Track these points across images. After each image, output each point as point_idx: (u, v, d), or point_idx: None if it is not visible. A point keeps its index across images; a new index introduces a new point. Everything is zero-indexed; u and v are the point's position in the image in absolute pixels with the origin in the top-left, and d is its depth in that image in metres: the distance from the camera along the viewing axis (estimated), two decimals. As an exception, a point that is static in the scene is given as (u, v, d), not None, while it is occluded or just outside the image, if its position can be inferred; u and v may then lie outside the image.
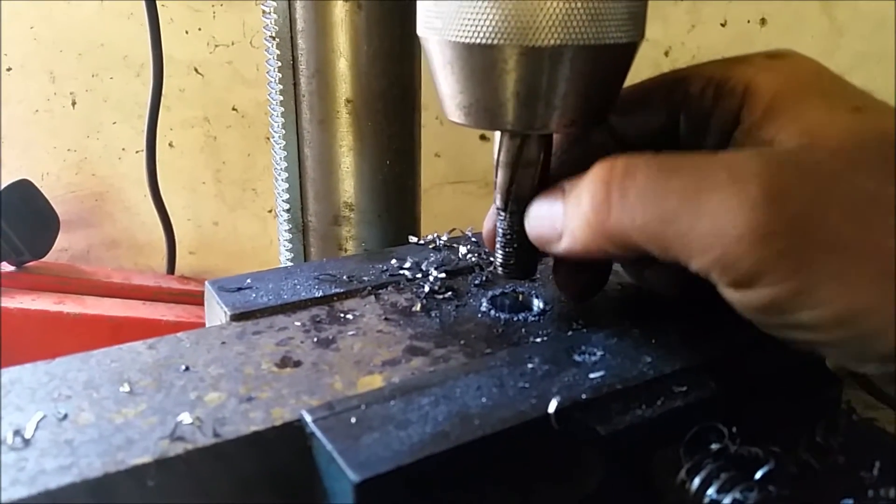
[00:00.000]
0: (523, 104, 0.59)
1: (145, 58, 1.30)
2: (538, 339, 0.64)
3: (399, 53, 0.91)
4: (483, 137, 1.47)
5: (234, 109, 1.39)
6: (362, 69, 0.89)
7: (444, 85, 0.62)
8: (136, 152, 1.39)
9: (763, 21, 1.51)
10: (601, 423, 0.55)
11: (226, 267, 1.46)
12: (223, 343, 0.64)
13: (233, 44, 1.38)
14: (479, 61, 0.58)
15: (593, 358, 0.61)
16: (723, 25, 1.48)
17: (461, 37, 0.57)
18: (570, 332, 0.65)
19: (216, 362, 0.61)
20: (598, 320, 0.68)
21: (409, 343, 0.64)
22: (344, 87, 0.89)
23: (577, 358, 0.61)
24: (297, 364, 0.60)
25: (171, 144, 1.39)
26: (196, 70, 1.38)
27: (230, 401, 0.55)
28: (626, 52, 0.61)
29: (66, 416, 0.54)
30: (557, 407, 0.54)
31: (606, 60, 0.59)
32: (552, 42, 0.56)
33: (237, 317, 0.67)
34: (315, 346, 0.63)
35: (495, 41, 0.56)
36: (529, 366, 0.59)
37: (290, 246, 0.96)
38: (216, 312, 0.69)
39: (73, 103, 1.38)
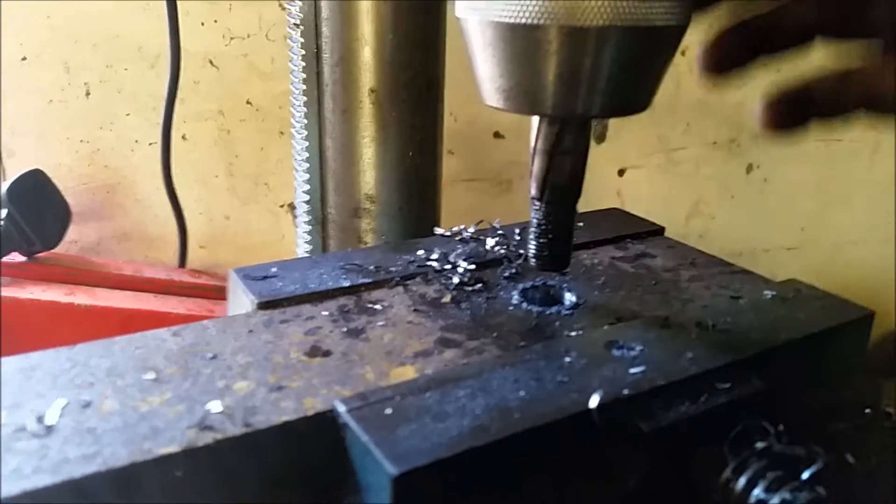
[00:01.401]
0: (565, 88, 0.57)
1: (160, 49, 1.27)
2: (573, 333, 0.62)
3: (424, 42, 0.88)
4: (497, 135, 1.45)
5: (248, 103, 1.37)
6: (387, 58, 0.86)
7: (483, 68, 0.59)
8: (150, 144, 1.37)
9: (780, 23, 1.48)
10: (644, 419, 0.52)
11: (236, 261, 1.42)
12: (250, 331, 0.61)
13: (248, 36, 1.35)
14: (521, 42, 0.56)
15: (632, 353, 0.58)
16: (740, 26, 1.45)
17: (505, 16, 0.54)
18: (605, 327, 0.63)
19: (244, 350, 0.58)
20: (633, 315, 0.66)
21: (441, 335, 0.61)
22: (368, 76, 0.86)
23: (615, 352, 0.58)
24: (327, 354, 0.58)
25: (184, 137, 1.37)
26: (211, 62, 1.36)
27: (260, 390, 0.53)
28: (672, 36, 0.58)
29: (89, 404, 0.51)
30: (599, 402, 0.51)
31: (653, 43, 0.57)
32: (599, 22, 0.53)
33: (264, 305, 0.64)
34: (344, 336, 0.60)
35: (540, 21, 0.54)
36: (567, 359, 0.57)
37: (309, 238, 0.93)
38: (241, 301, 0.67)
39: (87, 94, 1.35)
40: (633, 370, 0.56)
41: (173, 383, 0.54)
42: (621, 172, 1.52)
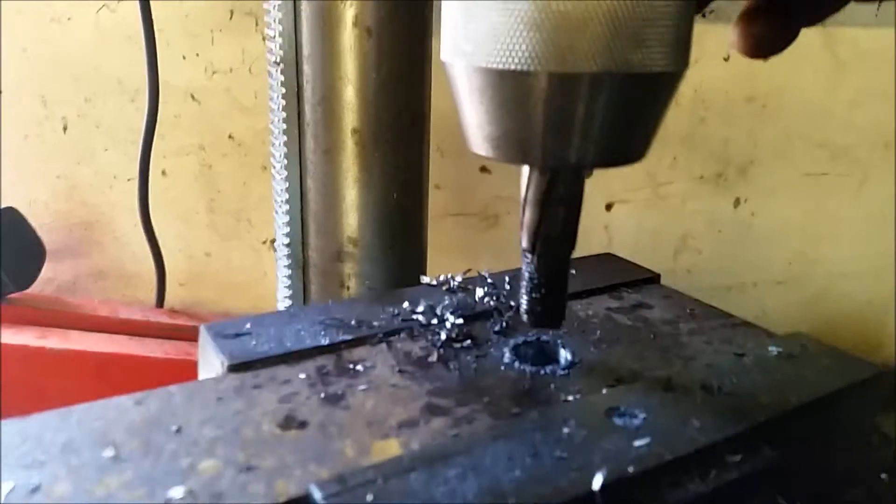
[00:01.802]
0: (557, 137, 0.52)
1: (141, 83, 1.22)
2: (570, 398, 0.56)
3: (409, 79, 0.83)
4: (484, 170, 1.40)
5: (230, 137, 1.31)
6: (370, 97, 0.81)
7: (470, 115, 0.54)
8: (128, 180, 1.30)
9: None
10: (651, 500, 0.47)
11: (217, 299, 1.37)
12: (219, 399, 0.55)
13: (231, 70, 1.30)
14: (511, 89, 0.51)
15: (636, 421, 0.53)
16: (725, 60, 1.43)
17: (493, 62, 0.49)
18: (604, 390, 0.57)
19: (211, 422, 0.52)
20: (633, 375, 0.60)
21: (428, 400, 0.55)
22: (351, 115, 0.81)
23: (617, 421, 0.53)
24: (303, 425, 0.52)
25: (164, 172, 1.31)
26: (192, 97, 1.30)
27: (227, 470, 0.47)
28: (669, 82, 0.53)
29: (38, 488, 0.45)
30: (602, 483, 0.46)
31: (650, 91, 0.52)
32: (593, 69, 0.48)
33: (235, 367, 0.58)
34: (322, 404, 0.54)
35: (531, 67, 0.48)
36: (565, 430, 0.51)
37: (289, 283, 0.87)
38: (211, 361, 0.61)
39: (65, 128, 1.29)
40: (637, 442, 0.50)
41: (134, 462, 0.48)
42: (609, 207, 1.47)
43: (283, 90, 0.82)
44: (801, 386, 0.59)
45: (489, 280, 0.72)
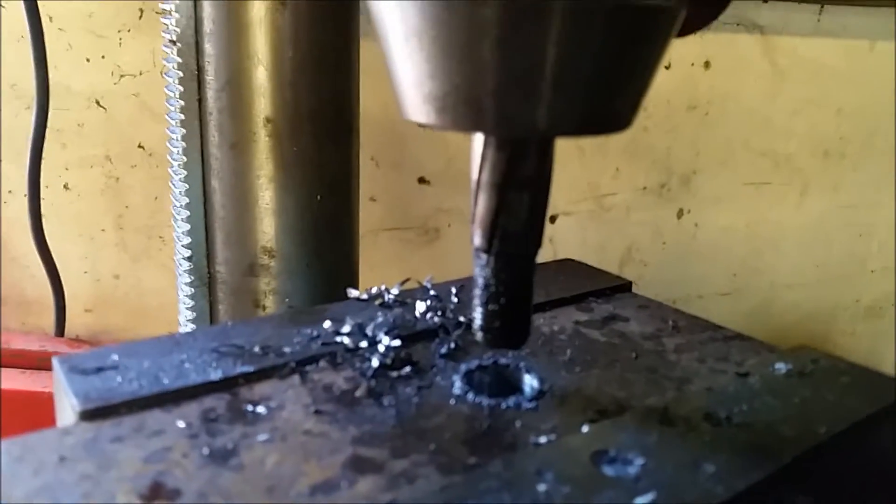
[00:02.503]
0: (520, 92, 0.36)
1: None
2: (543, 439, 0.40)
3: (333, 63, 0.67)
4: (423, 181, 1.24)
5: (140, 147, 1.12)
6: (286, 81, 0.64)
7: (406, 69, 0.38)
8: (25, 195, 1.09)
9: (707, 64, 1.35)
10: (669, 587, 0.31)
11: (127, 326, 1.17)
12: (62, 459, 0.37)
13: (140, 74, 1.11)
14: (461, 28, 0.35)
15: (632, 469, 0.37)
16: (667, 68, 1.32)
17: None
18: (584, 426, 0.41)
19: (44, 494, 0.34)
20: (619, 405, 0.45)
21: (353, 451, 0.39)
22: (262, 102, 0.65)
23: (608, 470, 0.37)
24: (175, 495, 0.35)
25: (66, 186, 1.11)
26: (98, 103, 1.11)
27: (44, 580, 0.29)
28: (663, 23, 0.39)
29: None
30: (604, 569, 0.30)
31: (636, 32, 0.37)
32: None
33: (89, 414, 0.40)
34: (205, 463, 0.37)
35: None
36: (541, 487, 0.35)
37: (192, 304, 0.69)
38: (64, 407, 0.43)
39: (-50, 139, 1.08)
40: (639, 501, 0.34)
41: None
42: (553, 219, 1.33)
43: (181, 74, 0.65)
44: (826, 412, 0.44)
45: (432, 291, 0.56)
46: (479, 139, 0.41)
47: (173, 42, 0.66)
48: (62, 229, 1.09)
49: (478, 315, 0.43)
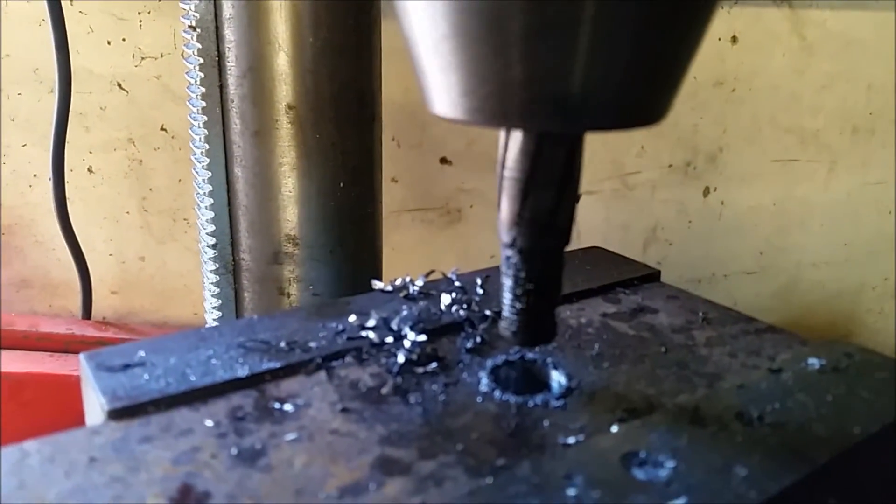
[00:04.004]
0: (548, 86, 0.35)
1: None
2: (571, 440, 0.40)
3: (355, 49, 0.66)
4: (444, 161, 1.23)
5: (162, 129, 1.12)
6: (307, 67, 0.63)
7: (435, 66, 0.37)
8: (50, 179, 1.10)
9: (734, 39, 1.31)
10: None
11: (153, 308, 1.18)
12: (92, 460, 0.37)
13: (161, 56, 1.11)
14: (490, 23, 0.34)
15: (663, 472, 0.36)
16: (693, 43, 1.28)
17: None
18: (614, 426, 0.41)
19: (76, 496, 0.34)
20: (648, 403, 0.44)
21: (381, 451, 0.38)
22: (284, 89, 0.64)
23: (638, 474, 0.36)
24: (204, 498, 0.34)
25: (90, 170, 1.11)
26: (119, 85, 1.11)
27: (76, 587, 0.29)
28: (699, 16, 0.37)
29: None
30: (636, 580, 0.29)
31: (669, 22, 0.36)
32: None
33: (118, 413, 0.40)
34: (234, 464, 0.37)
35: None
36: (570, 492, 0.35)
37: (217, 291, 0.69)
38: (92, 403, 0.43)
39: (-25, 123, 1.08)
40: (671, 507, 0.34)
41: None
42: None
43: (201, 60, 0.64)
44: (860, 410, 0.43)
45: (457, 283, 0.55)
46: (507, 134, 0.40)
47: (192, 27, 0.65)
48: (87, 212, 1.10)
49: (506, 311, 0.42)
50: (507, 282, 0.41)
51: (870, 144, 1.44)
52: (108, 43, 1.09)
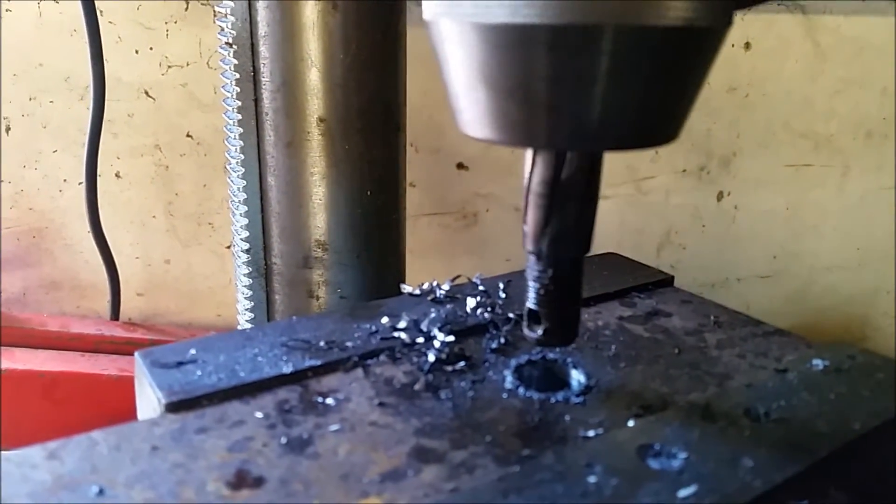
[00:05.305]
0: (570, 109, 0.39)
1: (90, 79, 1.06)
2: (591, 433, 0.44)
3: (381, 63, 0.70)
4: (461, 166, 1.27)
5: (188, 136, 1.17)
6: (337, 81, 0.68)
7: (458, 87, 0.41)
8: (79, 184, 1.15)
9: (748, 45, 1.35)
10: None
11: (178, 310, 1.22)
12: (154, 449, 0.42)
13: (188, 64, 1.16)
14: (516, 48, 0.38)
15: (675, 462, 0.40)
16: (707, 50, 1.31)
17: (497, 16, 0.37)
18: (630, 421, 0.45)
19: (143, 480, 0.39)
20: (662, 400, 0.48)
21: (416, 442, 0.43)
22: (315, 102, 0.68)
23: (653, 464, 0.40)
24: (259, 483, 0.39)
25: (117, 175, 1.16)
26: (147, 93, 1.16)
27: (155, 557, 0.34)
28: (707, 41, 0.41)
29: None
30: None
31: (687, 51, 0.40)
32: (611, 20, 0.36)
33: (175, 406, 0.45)
34: (284, 452, 0.41)
35: (538, 20, 0.36)
36: (591, 479, 0.39)
37: (250, 293, 0.74)
38: (148, 397, 0.47)
39: (8, 129, 1.14)
40: (682, 493, 0.38)
41: (31, 546, 0.34)
42: (590, 203, 1.35)
43: (237, 75, 0.68)
44: (861, 408, 0.47)
45: (481, 287, 0.60)
46: (529, 151, 0.44)
47: (229, 44, 0.69)
48: (114, 216, 1.15)
49: (529, 314, 0.46)
50: (531, 287, 0.46)
51: (883, 149, 1.47)
52: (136, 52, 1.14)
